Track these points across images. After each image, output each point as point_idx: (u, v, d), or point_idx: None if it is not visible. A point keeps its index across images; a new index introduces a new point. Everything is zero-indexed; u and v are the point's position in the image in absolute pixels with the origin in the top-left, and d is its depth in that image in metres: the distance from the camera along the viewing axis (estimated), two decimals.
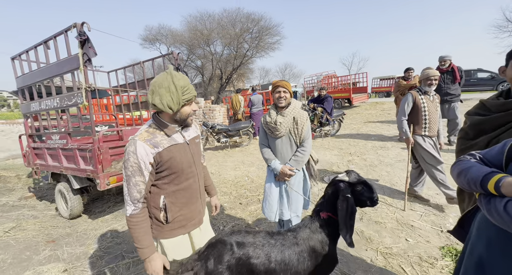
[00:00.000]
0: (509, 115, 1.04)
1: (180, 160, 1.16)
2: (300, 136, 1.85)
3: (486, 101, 1.17)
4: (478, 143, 1.16)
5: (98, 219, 3.22)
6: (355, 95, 11.77)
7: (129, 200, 1.08)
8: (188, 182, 1.22)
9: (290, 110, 1.84)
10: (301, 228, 1.35)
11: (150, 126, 1.15)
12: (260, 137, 2.05)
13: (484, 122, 1.14)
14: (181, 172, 1.18)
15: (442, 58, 4.57)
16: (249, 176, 4.46)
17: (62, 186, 3.17)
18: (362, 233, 2.41)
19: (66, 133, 2.97)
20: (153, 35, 23.54)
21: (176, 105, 1.08)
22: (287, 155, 1.89)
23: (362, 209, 2.84)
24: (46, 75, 2.97)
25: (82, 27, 2.50)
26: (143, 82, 4.26)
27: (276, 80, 1.88)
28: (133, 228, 1.08)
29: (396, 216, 2.65)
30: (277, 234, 1.32)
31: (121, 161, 3.03)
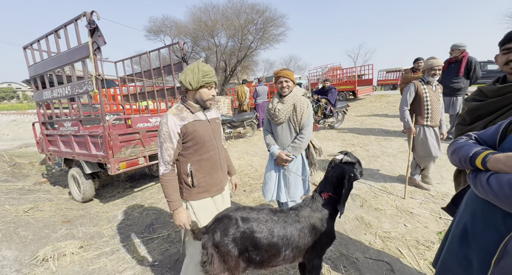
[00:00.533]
0: (505, 99, 1.09)
1: (202, 133, 1.40)
2: (299, 123, 1.88)
3: (483, 87, 1.22)
4: (475, 127, 1.20)
5: (109, 203, 3.39)
6: (360, 88, 11.63)
7: (162, 162, 1.34)
8: (210, 154, 1.45)
9: (290, 97, 1.87)
10: (302, 207, 1.44)
11: (179, 105, 1.43)
12: (264, 124, 2.13)
13: (481, 108, 1.18)
14: (203, 144, 1.41)
15: (453, 47, 4.21)
16: (252, 165, 4.56)
17: (74, 171, 3.32)
18: (362, 218, 2.49)
19: (78, 120, 3.09)
20: (158, 26, 23.36)
21: (195, 84, 1.34)
22: (286, 141, 1.95)
23: (363, 197, 2.92)
24: (57, 64, 3.06)
25: (92, 15, 2.56)
26: (150, 73, 4.34)
27: (278, 69, 1.90)
28: (165, 184, 1.34)
29: (396, 203, 2.72)
30: (280, 212, 1.40)
31: (129, 148, 3.16)
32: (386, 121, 6.84)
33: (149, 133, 3.38)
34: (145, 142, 3.30)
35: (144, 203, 3.32)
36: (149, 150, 3.34)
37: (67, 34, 2.88)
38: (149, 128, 3.37)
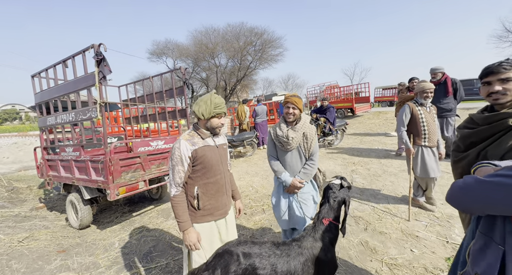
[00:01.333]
0: (493, 127, 1.13)
1: (210, 157, 1.50)
2: (309, 149, 1.91)
3: (473, 115, 1.26)
4: (470, 154, 1.22)
5: (106, 229, 3.29)
6: (358, 105, 11.87)
7: (173, 184, 1.44)
8: (216, 178, 1.54)
9: (301, 126, 1.90)
10: (304, 237, 1.41)
11: (191, 131, 1.55)
12: (268, 149, 2.08)
13: (472, 135, 1.22)
14: (211, 168, 1.51)
15: (433, 70, 4.24)
16: (253, 186, 4.51)
17: (73, 196, 3.28)
18: (366, 243, 2.41)
19: (80, 146, 3.12)
20: (160, 49, 24.47)
21: (207, 114, 1.47)
22: (296, 168, 1.93)
23: (366, 219, 2.86)
24: (64, 91, 3.17)
25: (99, 47, 2.71)
26: (152, 96, 4.47)
27: (288, 94, 1.95)
28: (175, 206, 1.43)
29: (401, 226, 2.65)
30: (283, 245, 1.38)
31: (129, 172, 3.15)
32: (386, 139, 6.89)
33: (150, 156, 3.40)
34: (145, 166, 3.31)
35: (143, 228, 3.24)
36: (149, 174, 3.33)
37: (75, 64, 3.03)
38: (150, 152, 3.39)
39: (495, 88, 1.11)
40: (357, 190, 3.73)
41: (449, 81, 4.13)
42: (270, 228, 2.90)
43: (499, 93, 1.11)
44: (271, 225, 2.97)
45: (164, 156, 3.63)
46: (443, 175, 3.63)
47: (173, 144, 1.48)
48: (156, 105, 4.43)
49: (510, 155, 1.05)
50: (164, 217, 3.58)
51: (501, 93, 1.11)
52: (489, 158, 1.12)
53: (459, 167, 1.29)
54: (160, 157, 3.57)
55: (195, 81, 26.23)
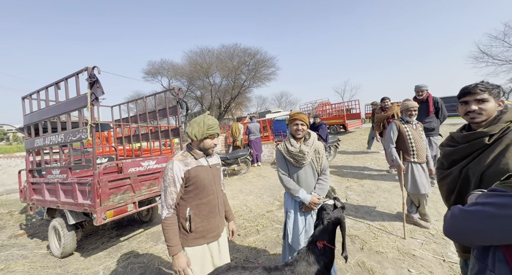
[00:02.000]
0: (471, 146, 1.17)
1: (203, 178, 1.48)
2: (321, 164, 1.93)
3: (453, 134, 1.31)
4: (453, 171, 1.25)
5: (90, 257, 3.09)
6: (350, 121, 12.17)
7: (165, 205, 1.41)
8: (209, 198, 1.51)
9: (312, 141, 1.93)
10: (298, 262, 1.36)
11: (184, 152, 1.54)
12: (279, 166, 2.00)
13: (454, 153, 1.26)
14: (203, 188, 1.49)
15: (418, 88, 4.09)
16: (247, 205, 4.41)
17: (57, 221, 3.11)
18: (363, 264, 2.34)
19: (67, 168, 3.04)
20: (156, 69, 25.04)
21: (200, 136, 1.48)
22: (311, 184, 1.92)
23: (362, 238, 2.80)
24: (55, 112, 3.15)
25: (93, 70, 2.77)
26: (145, 116, 4.48)
27: (294, 112, 1.97)
28: (166, 229, 1.39)
29: (397, 245, 2.60)
30: (275, 270, 1.32)
31: (118, 194, 3.05)
32: (378, 155, 7.00)
33: (141, 177, 3.32)
34: (135, 187, 3.21)
35: (131, 254, 3.05)
36: (139, 195, 3.23)
37: (67, 85, 3.05)
38: (140, 173, 3.32)
39: (472, 107, 1.17)
40: (352, 207, 3.69)
41: (430, 100, 4.02)
42: (265, 250, 2.79)
43: (475, 113, 1.17)
44: (266, 246, 2.86)
45: (156, 176, 3.55)
46: (435, 190, 3.66)
47: (166, 165, 1.48)
48: (149, 125, 4.43)
49: (489, 172, 1.08)
50: (154, 241, 3.40)
51: (477, 113, 1.17)
52: (470, 175, 1.15)
53: (444, 184, 1.31)
54: (151, 177, 3.49)
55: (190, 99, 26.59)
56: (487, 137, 1.12)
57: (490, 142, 1.11)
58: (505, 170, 1.03)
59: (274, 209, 4.08)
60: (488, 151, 1.11)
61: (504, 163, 1.04)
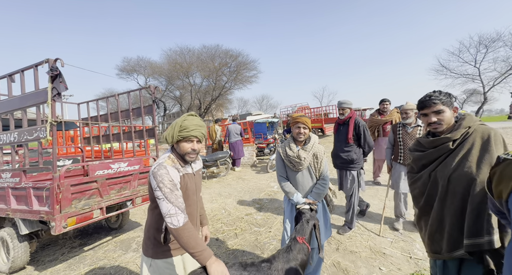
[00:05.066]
0: (438, 150, 1.25)
1: (190, 187, 1.36)
2: (319, 169, 1.91)
3: (420, 139, 1.39)
4: (422, 175, 1.32)
5: (46, 271, 2.76)
6: (327, 125, 12.65)
7: (179, 211, 1.17)
8: (190, 209, 1.38)
9: (311, 146, 1.90)
10: (275, 258, 1.34)
11: (170, 156, 1.33)
12: (278, 170, 2.02)
13: (423, 158, 1.33)
14: (187, 198, 1.34)
15: (339, 104, 3.06)
16: (226, 208, 4.31)
17: (5, 232, 2.73)
18: (339, 264, 2.39)
19: (21, 170, 2.69)
20: (131, 66, 23.82)
21: (170, 139, 1.31)
22: (308, 188, 1.92)
23: (338, 239, 2.87)
24: (7, 108, 2.79)
25: (55, 62, 2.50)
26: (116, 114, 4.19)
27: (296, 114, 1.94)
28: (189, 235, 1.14)
29: (369, 244, 2.71)
30: (251, 266, 1.28)
31: (83, 200, 2.77)
32: None
33: (110, 180, 3.06)
34: (103, 192, 2.95)
35: (95, 265, 2.79)
36: (108, 200, 2.98)
37: (23, 78, 2.73)
38: (109, 175, 3.06)
39: (432, 119, 1.25)
40: None
41: (352, 122, 2.96)
42: (243, 254, 2.73)
43: (436, 123, 1.25)
44: (244, 250, 2.80)
45: (127, 179, 3.30)
46: None
47: (154, 172, 1.23)
48: (121, 124, 4.14)
49: (455, 174, 1.15)
50: (123, 249, 3.16)
51: (437, 123, 1.24)
52: (438, 178, 1.23)
53: (416, 188, 1.37)
54: (122, 181, 3.23)
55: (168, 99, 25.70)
56: (451, 142, 1.20)
57: (453, 146, 1.19)
58: (469, 173, 1.10)
59: (253, 212, 4.04)
60: (453, 155, 1.18)
61: (468, 166, 1.11)
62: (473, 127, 1.18)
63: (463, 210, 1.11)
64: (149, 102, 4.02)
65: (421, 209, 1.33)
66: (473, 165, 1.10)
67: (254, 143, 9.08)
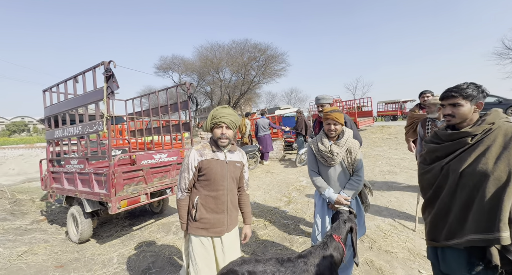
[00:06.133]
0: (455, 144, 1.22)
1: (215, 171, 1.53)
2: (353, 165, 1.84)
3: (438, 131, 1.35)
4: (434, 168, 1.29)
5: (105, 244, 3.24)
6: (361, 119, 11.90)
7: (179, 188, 1.58)
8: (218, 193, 1.55)
9: (345, 141, 1.83)
10: (312, 254, 1.37)
11: (205, 143, 1.63)
12: (309, 164, 1.99)
13: (438, 150, 1.30)
14: (213, 181, 1.53)
15: (317, 101, 2.59)
16: (255, 200, 4.45)
17: (75, 209, 3.27)
18: (372, 263, 2.32)
19: (85, 158, 3.17)
20: (167, 64, 25.39)
21: (205, 127, 1.61)
22: (340, 184, 1.86)
23: (371, 237, 2.77)
24: (73, 105, 3.28)
25: (109, 64, 2.85)
26: (157, 110, 4.58)
27: (328, 109, 1.85)
28: (180, 208, 1.58)
29: (408, 245, 2.56)
30: (288, 261, 1.33)
31: (132, 185, 3.16)
32: (389, 153, 6.82)
33: (153, 169, 3.41)
34: (148, 179, 3.32)
35: (143, 243, 3.18)
36: (151, 187, 3.33)
37: (85, 79, 3.16)
38: (152, 165, 3.42)
39: (446, 111, 1.25)
40: None
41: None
42: (272, 244, 2.83)
43: (449, 116, 1.24)
44: (273, 242, 2.89)
45: (167, 169, 3.64)
46: None
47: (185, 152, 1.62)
48: (161, 119, 4.52)
49: (469, 169, 1.13)
50: (164, 231, 3.52)
51: (451, 116, 1.24)
52: (450, 172, 1.20)
53: (425, 179, 1.37)
54: (162, 170, 3.58)
55: (200, 94, 26.81)
56: (470, 137, 1.17)
57: (472, 142, 1.17)
58: (484, 169, 1.08)
59: (282, 205, 4.10)
60: (470, 150, 1.16)
61: (484, 162, 1.09)
62: (497, 124, 1.15)
63: (468, 205, 1.13)
64: (184, 98, 4.30)
65: (428, 200, 1.35)
66: (490, 161, 1.08)
67: (283, 137, 9.05)
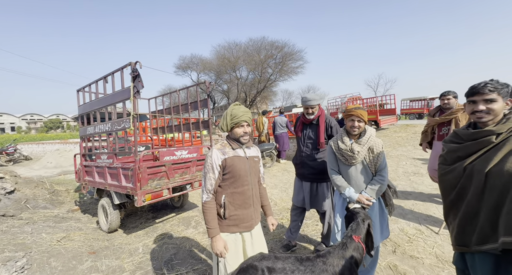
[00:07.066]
0: (478, 143, 1.17)
1: (239, 168, 1.55)
2: (375, 164, 1.78)
3: (458, 131, 1.30)
4: (456, 168, 1.24)
5: (131, 234, 3.45)
6: (383, 117, 11.35)
7: (204, 190, 1.52)
8: (243, 188, 1.58)
9: (366, 139, 1.78)
10: (331, 254, 1.36)
11: (223, 141, 1.64)
12: (329, 163, 1.95)
13: (459, 149, 1.25)
14: (239, 177, 1.56)
15: (305, 101, 2.37)
16: (272, 198, 4.46)
17: (104, 201, 3.52)
18: (395, 267, 2.23)
19: (113, 154, 3.39)
20: (186, 63, 26.11)
21: (225, 127, 1.57)
22: (361, 183, 1.80)
23: (395, 241, 2.66)
24: (103, 104, 3.52)
25: (136, 65, 3.00)
26: (178, 108, 4.75)
27: (351, 106, 1.83)
28: (206, 212, 1.50)
29: (435, 251, 2.42)
30: (306, 260, 1.34)
31: (155, 180, 3.32)
32: (414, 153, 6.45)
33: (174, 165, 3.56)
34: (170, 175, 3.46)
35: (165, 235, 3.34)
36: (173, 182, 3.48)
37: (114, 79, 3.37)
38: (174, 161, 3.56)
39: (480, 107, 1.17)
40: None
41: (322, 122, 2.36)
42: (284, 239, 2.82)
43: (483, 112, 1.17)
44: None
45: (187, 165, 3.77)
46: None
47: (207, 153, 1.60)
48: (181, 116, 4.69)
49: (496, 169, 1.08)
50: (184, 225, 3.66)
51: (484, 112, 1.17)
52: (474, 172, 1.15)
53: (445, 180, 1.32)
54: (183, 166, 3.72)
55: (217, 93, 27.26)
56: (495, 135, 1.13)
57: (497, 141, 1.12)
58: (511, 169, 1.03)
59: None
60: (495, 149, 1.12)
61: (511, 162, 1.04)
62: None
63: (498, 206, 1.08)
64: (202, 96, 4.41)
65: (451, 202, 1.31)
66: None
67: None
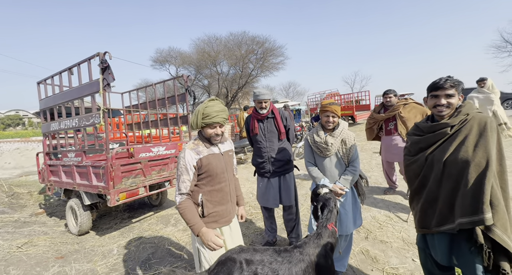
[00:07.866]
0: (436, 135, 1.30)
1: (215, 165, 1.50)
2: (348, 155, 1.90)
3: (419, 124, 1.44)
4: (419, 158, 1.37)
5: (105, 236, 3.27)
6: (359, 113, 11.95)
7: (178, 193, 1.45)
8: (221, 185, 1.55)
9: (339, 132, 1.90)
10: (307, 244, 1.41)
11: (196, 139, 1.55)
12: (306, 155, 2.06)
13: (421, 141, 1.38)
14: (215, 176, 1.51)
15: (256, 96, 2.34)
16: (253, 193, 4.49)
17: (73, 202, 3.28)
18: (367, 252, 2.39)
19: (82, 151, 3.15)
20: (163, 57, 24.91)
21: (195, 126, 1.48)
22: (335, 174, 1.91)
23: (367, 228, 2.83)
24: (68, 97, 3.23)
25: (104, 55, 2.79)
26: (154, 103, 4.54)
27: (326, 102, 1.91)
28: (183, 212, 1.41)
29: (402, 235, 2.62)
30: (284, 251, 1.37)
31: (130, 178, 3.16)
32: None
33: (151, 162, 3.41)
34: (146, 172, 3.32)
35: (142, 235, 3.21)
36: (150, 179, 3.34)
37: (80, 71, 3.11)
38: (151, 158, 3.41)
39: (442, 101, 1.28)
40: None
41: (278, 115, 2.42)
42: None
43: (443, 106, 1.28)
44: None
45: (165, 162, 3.64)
46: None
47: (178, 155, 1.50)
48: (158, 112, 4.49)
49: (451, 158, 1.21)
50: (163, 223, 3.55)
51: (445, 106, 1.28)
52: (434, 161, 1.28)
53: (410, 170, 1.45)
54: (161, 163, 3.58)
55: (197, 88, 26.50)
56: (449, 127, 1.25)
57: (451, 132, 1.25)
58: (465, 157, 1.17)
59: None
60: (450, 140, 1.25)
61: (464, 151, 1.18)
62: (471, 115, 1.24)
63: (454, 191, 1.22)
64: (181, 91, 4.26)
65: (415, 190, 1.43)
66: (469, 149, 1.17)
67: None
